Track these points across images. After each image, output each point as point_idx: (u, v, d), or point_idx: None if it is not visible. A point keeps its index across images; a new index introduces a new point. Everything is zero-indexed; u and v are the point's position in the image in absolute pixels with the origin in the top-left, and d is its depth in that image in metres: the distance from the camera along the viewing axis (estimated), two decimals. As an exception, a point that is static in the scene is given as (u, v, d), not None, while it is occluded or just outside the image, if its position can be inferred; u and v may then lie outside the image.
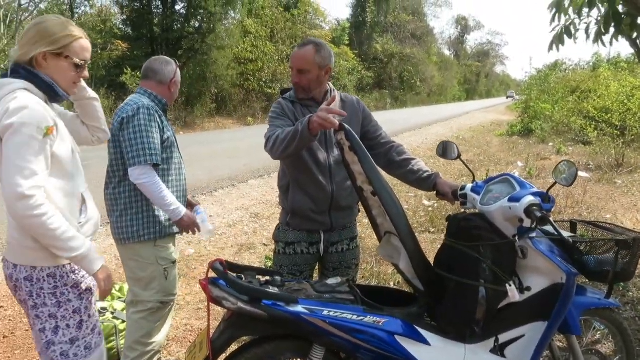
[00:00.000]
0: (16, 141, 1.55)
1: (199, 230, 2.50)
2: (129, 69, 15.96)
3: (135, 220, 2.35)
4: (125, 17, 19.72)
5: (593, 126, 12.56)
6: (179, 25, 20.33)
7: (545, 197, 1.93)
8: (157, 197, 2.30)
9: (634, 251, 1.99)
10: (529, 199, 1.88)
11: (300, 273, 2.40)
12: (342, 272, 2.42)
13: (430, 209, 6.58)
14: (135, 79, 16.05)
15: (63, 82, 1.73)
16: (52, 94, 1.71)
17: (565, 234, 2.11)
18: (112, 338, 2.78)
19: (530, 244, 1.93)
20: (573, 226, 2.29)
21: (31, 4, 17.72)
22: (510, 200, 1.94)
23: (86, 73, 1.80)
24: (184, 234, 2.52)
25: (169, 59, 2.55)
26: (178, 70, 2.54)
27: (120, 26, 20.11)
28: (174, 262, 2.49)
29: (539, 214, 1.82)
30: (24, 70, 1.67)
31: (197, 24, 20.40)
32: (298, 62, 2.27)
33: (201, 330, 3.38)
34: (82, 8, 19.88)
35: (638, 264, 2.06)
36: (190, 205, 2.64)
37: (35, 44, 1.67)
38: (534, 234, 1.94)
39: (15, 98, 1.59)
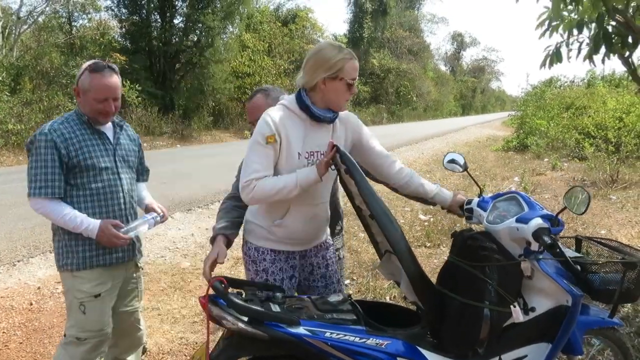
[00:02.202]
0: (250, 144, 1.94)
1: (125, 239, 2.24)
2: (128, 82, 15.99)
3: (57, 248, 2.30)
4: (123, 30, 19.79)
5: (589, 142, 12.65)
6: (177, 39, 20.40)
7: (555, 221, 1.88)
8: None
9: None
10: (538, 222, 1.84)
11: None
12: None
13: (426, 223, 6.59)
14: (134, 92, 16.11)
15: (337, 99, 1.95)
16: (310, 114, 1.96)
17: (570, 252, 2.07)
18: None
19: (536, 266, 1.90)
20: (578, 242, 2.22)
21: (29, 16, 17.85)
22: (518, 220, 1.90)
23: (355, 89, 1.99)
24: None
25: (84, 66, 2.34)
26: (84, 75, 2.33)
27: (119, 39, 20.14)
28: (97, 296, 2.25)
29: (548, 241, 1.77)
30: (299, 91, 1.98)
31: (195, 38, 20.49)
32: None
33: (197, 344, 3.36)
34: (80, 21, 19.96)
35: None
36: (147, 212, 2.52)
37: (316, 71, 1.92)
38: (540, 256, 1.90)
39: (265, 111, 1.95)
